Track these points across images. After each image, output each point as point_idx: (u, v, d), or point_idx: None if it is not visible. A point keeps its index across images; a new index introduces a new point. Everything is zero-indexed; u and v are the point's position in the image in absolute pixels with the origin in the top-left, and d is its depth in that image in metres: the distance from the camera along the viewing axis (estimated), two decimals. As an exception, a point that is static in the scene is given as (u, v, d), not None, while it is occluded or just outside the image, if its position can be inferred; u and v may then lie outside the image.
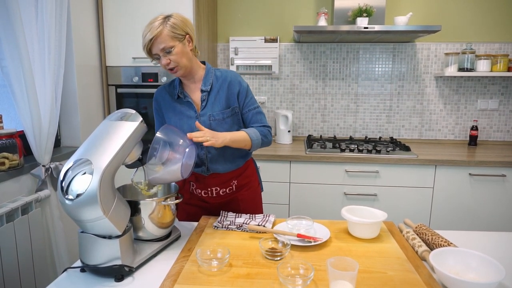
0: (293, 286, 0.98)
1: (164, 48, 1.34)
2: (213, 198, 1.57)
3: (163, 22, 1.34)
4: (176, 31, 1.36)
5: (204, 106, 1.48)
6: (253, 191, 1.63)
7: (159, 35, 1.33)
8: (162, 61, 1.37)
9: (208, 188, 1.55)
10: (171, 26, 1.35)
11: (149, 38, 1.33)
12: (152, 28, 1.33)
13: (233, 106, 1.49)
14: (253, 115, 1.53)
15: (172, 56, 1.36)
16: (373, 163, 2.40)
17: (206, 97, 1.48)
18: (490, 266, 1.00)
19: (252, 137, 1.46)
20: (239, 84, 1.50)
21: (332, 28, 2.45)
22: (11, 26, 1.64)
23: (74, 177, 1.02)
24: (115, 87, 2.56)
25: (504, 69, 2.62)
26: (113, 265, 1.05)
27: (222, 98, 1.48)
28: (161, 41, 1.33)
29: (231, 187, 1.56)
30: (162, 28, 1.33)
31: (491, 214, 2.40)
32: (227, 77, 1.49)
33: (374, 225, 1.27)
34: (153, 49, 1.36)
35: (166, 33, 1.34)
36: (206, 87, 1.48)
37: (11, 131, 1.74)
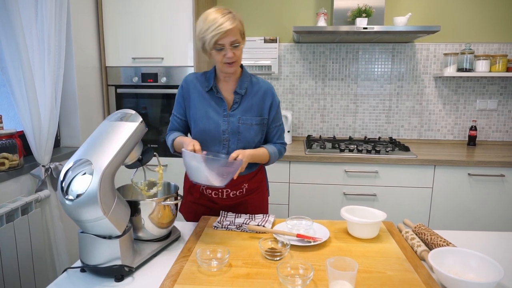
0: (292, 286, 0.98)
1: (234, 41, 1.35)
2: (223, 199, 1.57)
3: (234, 17, 1.35)
4: (242, 29, 1.40)
5: (236, 108, 1.48)
6: (261, 195, 1.65)
7: (235, 29, 1.34)
8: (227, 53, 1.36)
9: (219, 189, 1.55)
10: (240, 22, 1.38)
11: (225, 29, 1.31)
12: (228, 21, 1.32)
13: (263, 117, 1.51)
14: (277, 132, 1.58)
15: (237, 51, 1.38)
16: (373, 163, 2.40)
17: (240, 100, 1.49)
18: (489, 266, 1.00)
19: (271, 156, 1.52)
20: (273, 97, 1.53)
21: (332, 29, 2.46)
22: (11, 26, 1.64)
23: (74, 177, 1.03)
24: (115, 87, 2.56)
25: (503, 69, 2.63)
26: (113, 265, 1.05)
27: (254, 105, 1.49)
28: (234, 34, 1.34)
29: (241, 190, 1.57)
30: (237, 22, 1.35)
31: (490, 214, 2.40)
32: (263, 87, 1.52)
33: (374, 225, 1.27)
34: (222, 40, 1.34)
35: (238, 28, 1.36)
36: (241, 90, 1.48)
37: (11, 132, 1.74)
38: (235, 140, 1.48)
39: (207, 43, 1.35)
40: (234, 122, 1.47)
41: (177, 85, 2.49)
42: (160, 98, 2.54)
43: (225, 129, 1.47)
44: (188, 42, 2.43)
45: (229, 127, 1.47)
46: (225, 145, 1.48)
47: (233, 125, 1.47)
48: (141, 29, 2.46)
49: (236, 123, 1.47)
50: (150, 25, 2.45)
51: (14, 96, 1.74)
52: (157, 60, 2.48)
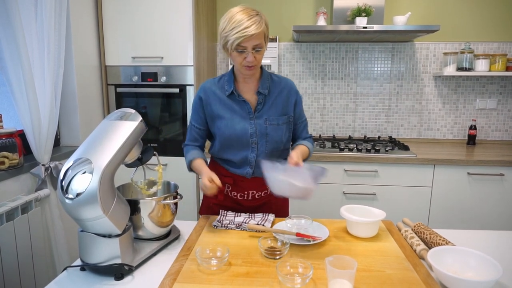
0: (292, 285, 0.98)
1: (258, 45, 1.31)
2: (248, 201, 1.56)
3: (261, 19, 1.30)
4: (267, 32, 1.36)
5: (261, 109, 1.45)
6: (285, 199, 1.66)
7: (261, 32, 1.29)
8: (248, 57, 1.32)
9: (244, 191, 1.54)
10: (266, 26, 1.34)
11: (250, 33, 1.26)
12: (256, 23, 1.27)
13: (289, 115, 1.50)
14: (303, 127, 1.59)
15: (259, 55, 1.34)
16: (372, 163, 2.40)
17: (263, 100, 1.45)
18: (487, 264, 1.00)
19: (310, 153, 1.53)
20: (296, 94, 1.52)
21: (331, 28, 2.46)
22: (10, 25, 1.64)
23: (74, 176, 1.03)
24: (115, 86, 2.56)
25: (503, 68, 2.63)
26: (113, 264, 1.05)
27: (279, 104, 1.47)
28: (258, 38, 1.30)
29: (266, 191, 1.55)
30: (263, 26, 1.31)
31: (489, 213, 2.41)
32: (287, 85, 1.50)
33: (373, 224, 1.28)
34: (245, 43, 1.29)
35: (263, 31, 1.31)
36: (264, 90, 1.45)
37: (10, 131, 1.74)
38: (263, 142, 1.46)
39: (229, 44, 1.30)
40: (261, 124, 1.44)
41: (177, 84, 2.50)
42: (159, 97, 2.54)
43: (252, 132, 1.44)
44: (188, 42, 2.43)
45: (257, 130, 1.44)
46: (253, 148, 1.46)
47: (261, 127, 1.44)
48: (141, 28, 2.46)
49: (263, 124, 1.44)
50: (150, 25, 2.45)
51: (14, 95, 1.74)
52: (157, 60, 2.48)
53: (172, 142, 2.57)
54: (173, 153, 2.57)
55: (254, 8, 1.33)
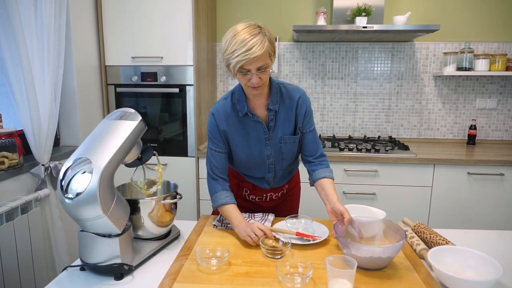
0: (292, 285, 0.98)
1: (262, 66, 1.21)
2: (266, 202, 1.60)
3: (263, 38, 1.19)
4: (272, 49, 1.24)
5: (273, 126, 1.39)
6: (296, 192, 1.71)
7: (264, 53, 1.19)
8: (253, 79, 1.23)
9: (263, 194, 1.57)
10: (269, 42, 1.21)
11: (251, 56, 1.16)
12: (259, 43, 1.17)
13: (298, 126, 1.43)
14: (313, 139, 1.45)
15: (264, 75, 1.24)
16: (372, 162, 2.40)
17: (274, 116, 1.38)
18: (487, 264, 1.00)
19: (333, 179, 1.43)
20: (306, 103, 1.42)
21: (331, 28, 2.46)
22: (10, 25, 1.64)
23: (73, 176, 1.03)
24: (114, 86, 2.56)
25: (503, 68, 2.63)
26: (112, 263, 1.05)
27: (291, 118, 1.40)
28: (262, 59, 1.19)
29: (282, 191, 1.60)
30: (267, 45, 1.19)
31: (489, 213, 2.41)
32: (295, 96, 1.40)
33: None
34: (248, 66, 1.20)
35: (267, 50, 1.20)
36: (274, 106, 1.36)
37: (10, 130, 1.74)
38: (279, 161, 1.45)
39: (231, 66, 1.21)
40: (276, 145, 1.41)
41: (177, 84, 2.49)
42: (159, 97, 2.54)
43: (269, 154, 1.42)
44: (188, 41, 2.43)
45: (273, 151, 1.42)
46: (270, 168, 1.46)
47: (276, 147, 1.42)
48: (141, 28, 2.46)
49: (278, 144, 1.41)
50: (150, 24, 2.45)
51: (13, 95, 1.74)
52: (157, 59, 2.48)
53: (172, 142, 2.57)
54: (173, 153, 2.57)
55: (257, 24, 1.22)
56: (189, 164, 2.56)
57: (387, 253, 1.04)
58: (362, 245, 1.06)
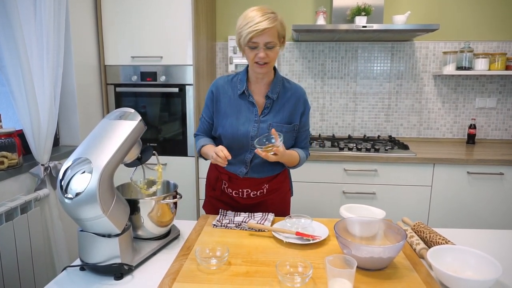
0: (291, 284, 0.98)
1: (269, 42, 1.33)
2: (243, 199, 1.57)
3: (275, 18, 1.34)
4: (282, 32, 1.37)
5: (267, 113, 1.46)
6: (282, 196, 1.64)
7: (272, 29, 1.32)
8: (259, 53, 1.34)
9: (239, 189, 1.55)
10: (281, 25, 1.36)
11: (261, 28, 1.29)
12: (269, 19, 1.31)
13: (294, 123, 1.49)
14: (305, 137, 1.57)
15: (271, 53, 1.35)
16: (372, 162, 2.40)
17: (271, 104, 1.46)
18: (487, 263, 1.00)
19: (300, 161, 1.53)
20: (305, 104, 1.52)
21: (331, 27, 2.46)
22: (9, 25, 1.64)
23: (73, 176, 1.03)
24: (114, 86, 2.56)
25: (502, 67, 2.63)
26: (112, 263, 1.05)
27: (286, 111, 1.47)
28: (271, 34, 1.32)
29: (262, 191, 1.56)
30: (276, 23, 1.33)
31: (489, 212, 2.41)
32: (297, 93, 1.50)
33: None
34: (257, 39, 1.31)
35: (277, 30, 1.34)
36: (273, 94, 1.46)
37: (10, 130, 1.74)
38: None
39: (242, 39, 1.34)
40: (264, 129, 1.44)
41: (176, 84, 2.49)
42: (159, 97, 2.53)
43: (253, 135, 1.44)
44: (187, 41, 2.43)
45: (258, 133, 1.44)
46: (252, 150, 1.46)
47: (263, 131, 1.44)
48: (140, 27, 2.45)
49: (266, 129, 1.44)
50: (149, 24, 2.44)
51: (13, 95, 1.73)
52: (156, 59, 2.48)
53: (171, 142, 2.57)
54: (172, 152, 2.57)
55: (271, 8, 1.37)
56: (189, 164, 2.56)
57: (388, 253, 1.04)
58: (362, 245, 1.06)
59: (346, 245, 1.07)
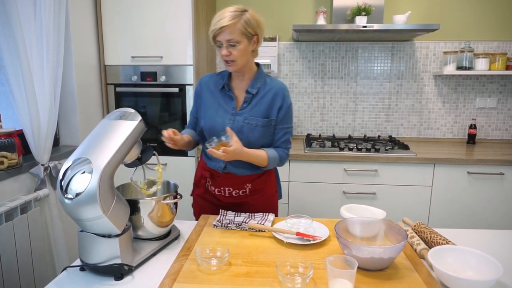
0: (292, 285, 0.98)
1: (230, 40, 1.34)
2: (225, 197, 1.57)
3: (239, 15, 1.34)
4: (248, 29, 1.36)
5: (245, 107, 1.47)
6: (267, 197, 1.62)
7: (231, 26, 1.33)
8: (222, 50, 1.37)
9: (221, 187, 1.55)
10: (245, 22, 1.35)
11: (220, 25, 1.32)
12: (226, 17, 1.33)
13: (271, 118, 1.48)
14: (283, 135, 1.53)
15: (234, 51, 1.36)
16: (372, 162, 2.40)
17: (250, 99, 1.48)
18: (488, 264, 1.00)
19: (269, 161, 1.48)
20: (284, 99, 1.49)
21: (331, 27, 2.45)
22: (9, 25, 1.63)
23: (73, 176, 1.02)
24: (114, 86, 2.56)
25: (503, 67, 2.62)
26: (112, 264, 1.05)
27: (263, 105, 1.47)
28: (230, 33, 1.33)
29: (244, 190, 1.56)
30: (236, 21, 1.33)
31: (489, 212, 2.41)
32: (275, 87, 1.49)
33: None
34: (219, 37, 1.35)
35: (239, 27, 1.34)
36: (253, 89, 1.47)
37: (9, 130, 1.74)
38: None
39: (210, 38, 1.39)
40: (239, 122, 1.46)
41: (176, 84, 2.49)
42: (159, 97, 2.53)
43: (230, 127, 1.44)
44: (188, 41, 2.43)
45: (233, 126, 1.45)
46: None
47: (238, 124, 1.46)
48: (140, 27, 2.45)
49: (241, 122, 1.46)
50: (150, 24, 2.44)
51: (13, 95, 1.73)
52: (156, 59, 2.48)
53: (171, 142, 2.57)
54: (173, 152, 2.55)
55: (244, 7, 1.38)
56: (189, 164, 2.56)
57: (388, 253, 1.03)
58: (363, 245, 1.05)
59: (346, 246, 1.07)
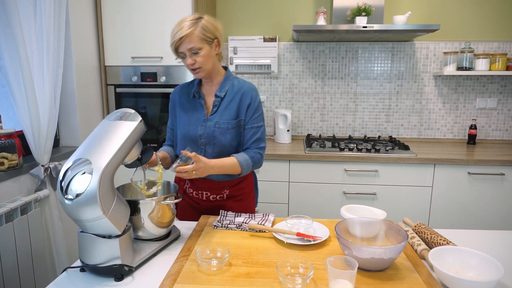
0: (292, 285, 0.98)
1: (192, 48, 1.35)
2: (203, 201, 1.59)
3: (195, 23, 1.35)
4: (206, 34, 1.37)
5: (215, 111, 1.47)
6: (244, 203, 1.61)
7: (190, 35, 1.33)
8: (187, 60, 1.38)
9: (199, 191, 1.57)
10: (202, 28, 1.35)
11: (179, 36, 1.33)
12: (184, 27, 1.33)
13: (239, 119, 1.48)
14: (253, 134, 1.49)
15: (198, 58, 1.37)
16: (372, 162, 2.40)
17: (219, 103, 1.48)
18: (489, 264, 1.00)
19: (242, 165, 1.43)
20: (251, 97, 1.48)
21: (331, 27, 2.45)
22: (9, 25, 1.63)
23: (73, 177, 1.02)
24: (114, 86, 2.56)
25: (503, 68, 2.62)
26: (112, 264, 1.05)
27: (233, 108, 1.47)
28: (190, 41, 1.34)
29: (222, 196, 1.57)
30: (193, 29, 1.34)
31: (489, 213, 2.40)
32: (243, 88, 1.48)
33: (374, 224, 1.27)
34: (180, 48, 1.36)
35: (197, 34, 1.34)
36: (221, 93, 1.48)
37: (10, 131, 1.74)
38: (211, 145, 1.47)
39: (172, 51, 1.39)
40: (211, 127, 1.46)
41: (176, 84, 2.49)
42: (159, 97, 2.53)
43: (201, 133, 1.47)
44: (188, 41, 2.43)
45: (205, 132, 1.47)
46: (202, 149, 1.49)
47: (209, 129, 1.46)
48: (141, 28, 2.45)
49: (213, 127, 1.46)
50: (150, 24, 2.44)
51: (13, 95, 1.73)
52: (156, 60, 2.48)
53: (172, 142, 2.57)
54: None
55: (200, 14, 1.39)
56: (189, 164, 2.55)
57: (389, 254, 1.03)
58: (363, 246, 1.05)
59: (347, 246, 1.07)
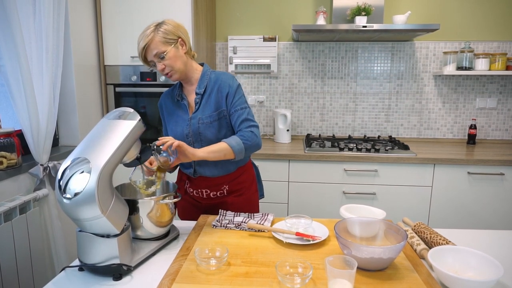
0: (291, 285, 0.98)
1: (157, 53, 1.37)
2: (203, 199, 1.59)
3: (155, 29, 1.37)
4: (168, 36, 1.38)
5: (197, 109, 1.49)
6: (246, 197, 1.61)
7: (151, 42, 1.36)
8: (157, 66, 1.40)
9: (199, 189, 1.57)
10: (163, 32, 1.37)
11: (142, 45, 1.37)
12: (144, 36, 1.37)
13: (221, 109, 1.47)
14: (238, 117, 1.45)
15: (166, 61, 1.39)
16: (372, 162, 2.40)
17: (200, 100, 1.49)
18: (488, 264, 1.00)
19: (233, 146, 1.38)
20: (228, 86, 1.46)
21: (331, 27, 2.45)
22: (8, 25, 1.63)
23: (72, 176, 1.02)
24: (114, 86, 2.55)
25: (503, 67, 2.62)
26: (111, 264, 1.05)
27: (212, 101, 1.47)
28: (153, 47, 1.36)
29: (222, 191, 1.57)
30: (153, 35, 1.36)
31: (489, 213, 2.40)
32: (219, 79, 1.48)
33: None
34: (147, 56, 1.39)
35: (158, 39, 1.36)
36: (200, 89, 1.48)
37: (9, 130, 1.74)
38: (198, 141, 1.48)
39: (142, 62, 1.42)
40: (195, 124, 1.47)
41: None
42: (159, 97, 2.51)
43: (187, 133, 1.49)
44: (187, 41, 2.42)
45: (191, 130, 1.48)
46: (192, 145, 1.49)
47: (194, 127, 1.47)
48: (140, 27, 2.42)
49: (196, 124, 1.47)
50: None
51: (12, 95, 1.73)
52: (156, 59, 2.47)
53: (171, 142, 2.56)
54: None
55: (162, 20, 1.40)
56: (189, 164, 2.55)
57: (388, 254, 1.03)
58: (362, 245, 1.05)
59: (346, 246, 1.06)
